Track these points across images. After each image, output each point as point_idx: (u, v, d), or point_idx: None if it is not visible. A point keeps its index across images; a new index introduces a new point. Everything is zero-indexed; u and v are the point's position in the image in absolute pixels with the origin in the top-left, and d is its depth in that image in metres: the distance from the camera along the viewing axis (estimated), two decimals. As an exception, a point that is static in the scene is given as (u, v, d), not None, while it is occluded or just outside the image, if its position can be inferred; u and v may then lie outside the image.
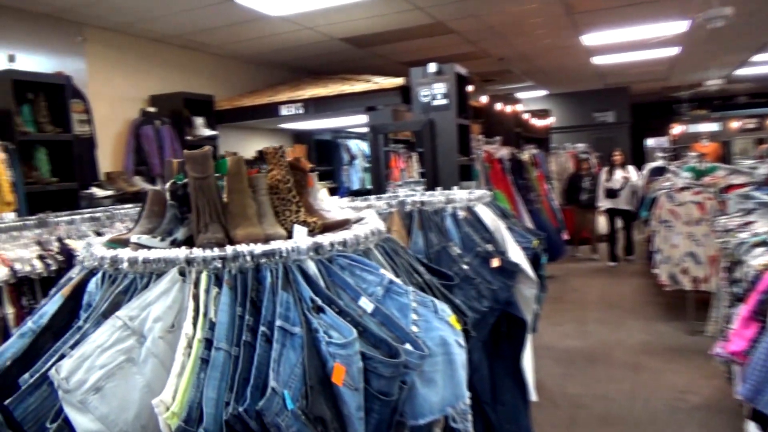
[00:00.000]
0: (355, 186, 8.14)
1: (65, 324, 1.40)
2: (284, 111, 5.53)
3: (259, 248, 1.37)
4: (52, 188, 4.11)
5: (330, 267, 1.44)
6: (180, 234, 1.52)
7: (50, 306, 1.44)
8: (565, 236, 8.72)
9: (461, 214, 2.90)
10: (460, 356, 1.42)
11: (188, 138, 5.46)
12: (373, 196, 3.58)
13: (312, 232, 1.55)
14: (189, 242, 1.50)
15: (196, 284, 1.34)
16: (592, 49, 7.76)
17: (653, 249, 5.35)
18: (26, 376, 1.24)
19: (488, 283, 2.67)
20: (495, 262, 2.76)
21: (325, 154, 7.93)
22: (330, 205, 1.88)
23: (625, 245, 8.28)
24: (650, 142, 14.54)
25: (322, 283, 1.40)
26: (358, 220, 1.76)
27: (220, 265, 1.36)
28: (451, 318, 1.48)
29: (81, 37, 4.91)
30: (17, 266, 2.30)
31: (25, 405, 1.20)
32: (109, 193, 4.64)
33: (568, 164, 9.49)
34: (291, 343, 1.26)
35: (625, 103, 12.19)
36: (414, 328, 1.39)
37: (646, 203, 6.25)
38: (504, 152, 6.52)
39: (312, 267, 1.42)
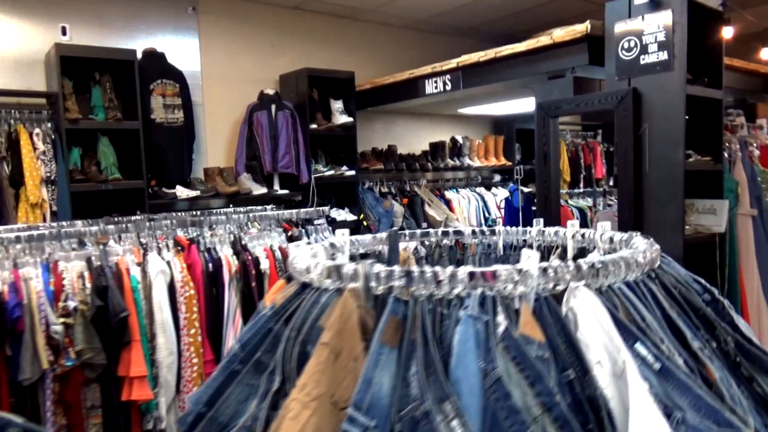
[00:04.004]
0: (575, 192, 6.05)
1: None
2: (430, 88, 3.97)
3: None
4: (108, 187, 3.39)
5: None
6: None
7: None
8: None
9: (502, 321, 1.07)
10: None
11: (313, 126, 4.33)
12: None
13: None
14: None
15: None
16: None
17: None
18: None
19: None
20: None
21: (532, 149, 6.02)
22: None
23: None
24: None
25: None
26: None
27: None
28: None
29: (192, 7, 4.17)
30: None
31: None
32: (194, 194, 3.79)
33: None
34: None
35: None
36: None
37: None
38: (811, 148, 3.78)
39: None
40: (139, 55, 3.68)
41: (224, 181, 4.02)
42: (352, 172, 4.48)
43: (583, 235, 1.71)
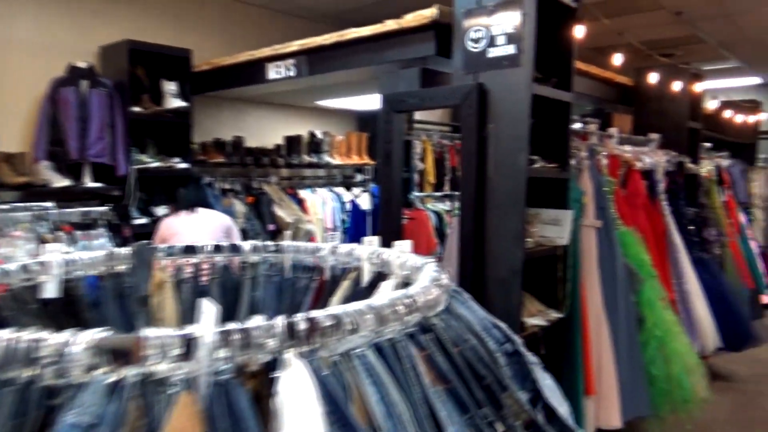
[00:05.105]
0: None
1: None
2: (273, 73, 3.51)
3: None
4: None
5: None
6: None
7: None
8: (766, 298, 5.54)
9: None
10: None
11: (137, 110, 3.70)
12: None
13: None
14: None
15: None
16: None
17: None
18: None
19: None
20: None
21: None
22: None
23: None
24: None
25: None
26: None
27: None
28: None
29: (-21, -46, 3.38)
30: None
31: None
32: (-37, 184, 3.04)
33: (783, 185, 6.16)
34: None
35: None
36: None
37: None
38: (657, 160, 3.80)
39: None
40: None
41: (13, 169, 3.28)
42: (186, 165, 3.90)
43: (380, 257, 1.35)
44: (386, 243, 2.93)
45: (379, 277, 1.34)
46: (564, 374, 2.71)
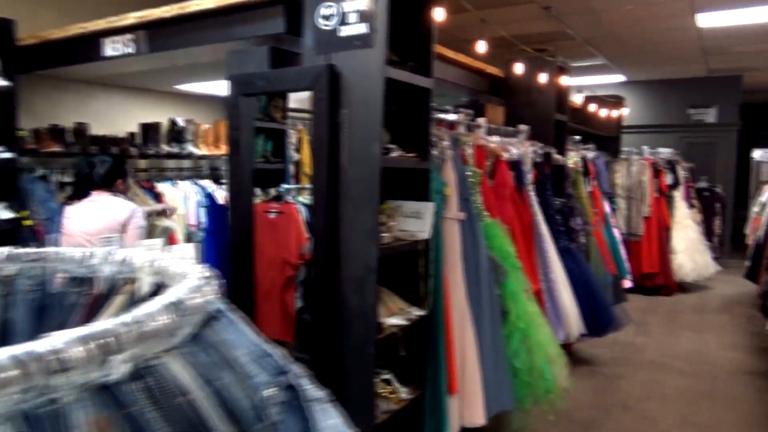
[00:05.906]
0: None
1: None
2: (109, 49, 3.09)
3: None
4: None
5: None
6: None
7: None
8: (627, 283, 5.87)
9: None
10: None
11: (-59, 88, 3.13)
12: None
13: None
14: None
15: None
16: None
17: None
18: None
19: None
20: None
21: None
22: None
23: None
24: (758, 154, 10.83)
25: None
26: None
27: None
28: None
29: None
30: None
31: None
32: None
33: (643, 176, 6.56)
34: None
35: (733, 98, 8.94)
36: None
37: None
38: (524, 151, 3.81)
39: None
40: None
41: None
42: (11, 155, 3.36)
43: (155, 265, 1.08)
44: (239, 240, 2.64)
45: (160, 289, 1.09)
46: (427, 374, 2.60)
